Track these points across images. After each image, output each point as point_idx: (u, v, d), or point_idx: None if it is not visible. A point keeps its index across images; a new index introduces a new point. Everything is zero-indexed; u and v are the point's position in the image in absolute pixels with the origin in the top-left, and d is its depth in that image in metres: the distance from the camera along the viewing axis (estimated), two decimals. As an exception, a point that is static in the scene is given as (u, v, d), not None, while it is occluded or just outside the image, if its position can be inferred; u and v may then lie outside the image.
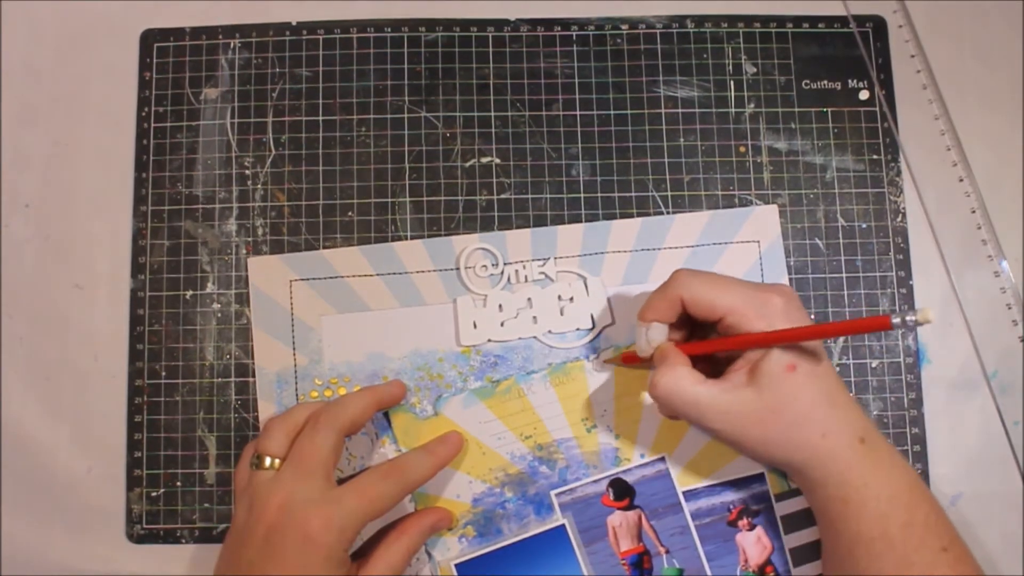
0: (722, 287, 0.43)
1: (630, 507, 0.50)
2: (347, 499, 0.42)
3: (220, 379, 0.52)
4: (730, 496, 0.50)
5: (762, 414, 0.41)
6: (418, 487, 0.46)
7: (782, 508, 0.50)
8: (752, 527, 0.49)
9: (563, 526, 0.49)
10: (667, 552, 0.49)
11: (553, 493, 0.50)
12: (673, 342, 0.45)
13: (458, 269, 0.52)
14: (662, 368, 0.43)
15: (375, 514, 0.43)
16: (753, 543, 0.49)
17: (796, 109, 0.54)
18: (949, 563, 0.40)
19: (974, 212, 0.53)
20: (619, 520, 0.50)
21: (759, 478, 0.50)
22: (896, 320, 0.38)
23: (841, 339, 0.52)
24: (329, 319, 0.52)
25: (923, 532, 0.41)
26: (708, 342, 0.45)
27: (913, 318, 0.37)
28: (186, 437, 0.51)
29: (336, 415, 0.44)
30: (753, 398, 0.42)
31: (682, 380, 0.42)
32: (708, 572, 0.49)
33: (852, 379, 0.52)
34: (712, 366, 0.46)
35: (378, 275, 0.52)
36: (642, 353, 0.46)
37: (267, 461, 0.43)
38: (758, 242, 0.52)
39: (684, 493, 0.50)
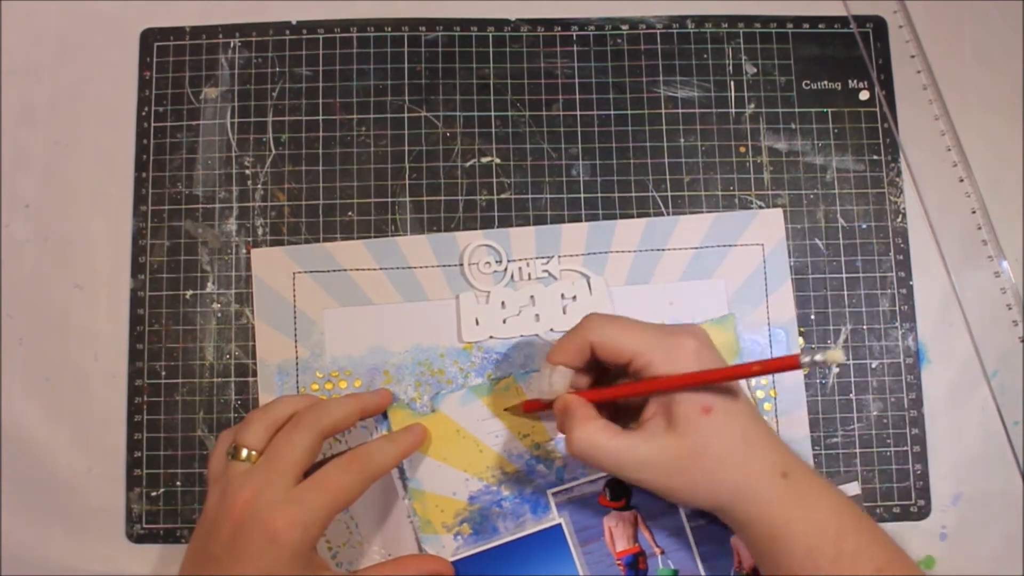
0: (631, 331, 0.42)
1: (626, 507, 0.50)
2: (310, 496, 0.42)
3: (220, 379, 0.52)
4: (729, 496, 0.50)
5: (684, 460, 0.40)
6: (381, 475, 0.45)
7: (781, 508, 0.49)
8: (751, 527, 0.49)
9: (559, 525, 0.49)
10: (662, 553, 0.49)
11: (550, 492, 0.50)
12: (574, 391, 0.44)
13: (461, 265, 0.52)
14: (574, 425, 0.42)
15: (340, 507, 0.43)
16: (752, 544, 0.49)
17: (796, 109, 0.54)
18: None
19: (974, 212, 0.53)
20: (615, 520, 0.50)
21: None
22: (805, 360, 0.37)
23: (842, 338, 0.52)
24: (331, 312, 0.52)
25: (852, 562, 0.40)
26: (613, 388, 0.44)
27: (822, 358, 0.37)
28: (186, 437, 0.51)
29: (319, 417, 0.44)
30: (673, 445, 0.40)
31: (598, 436, 0.41)
32: (703, 574, 0.49)
33: (852, 380, 0.52)
34: (621, 413, 0.45)
35: (381, 269, 0.52)
36: (544, 396, 0.44)
37: (243, 453, 0.43)
38: (762, 245, 0.52)
39: (683, 493, 0.49)
